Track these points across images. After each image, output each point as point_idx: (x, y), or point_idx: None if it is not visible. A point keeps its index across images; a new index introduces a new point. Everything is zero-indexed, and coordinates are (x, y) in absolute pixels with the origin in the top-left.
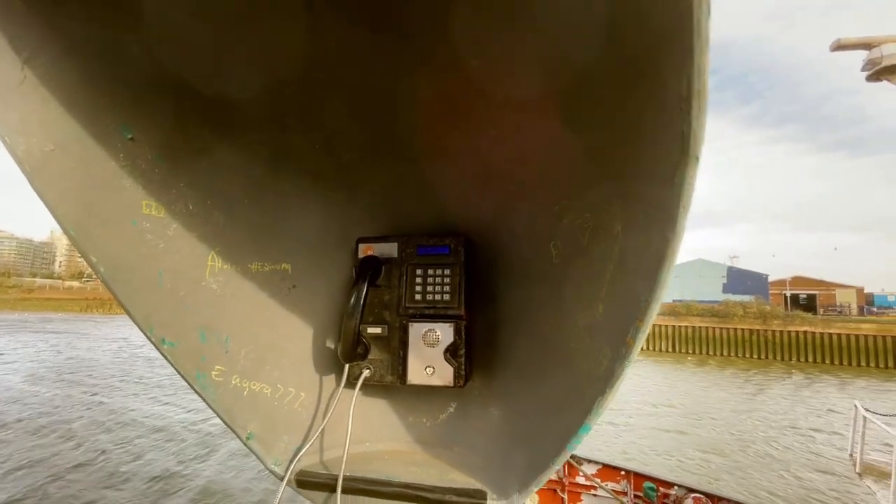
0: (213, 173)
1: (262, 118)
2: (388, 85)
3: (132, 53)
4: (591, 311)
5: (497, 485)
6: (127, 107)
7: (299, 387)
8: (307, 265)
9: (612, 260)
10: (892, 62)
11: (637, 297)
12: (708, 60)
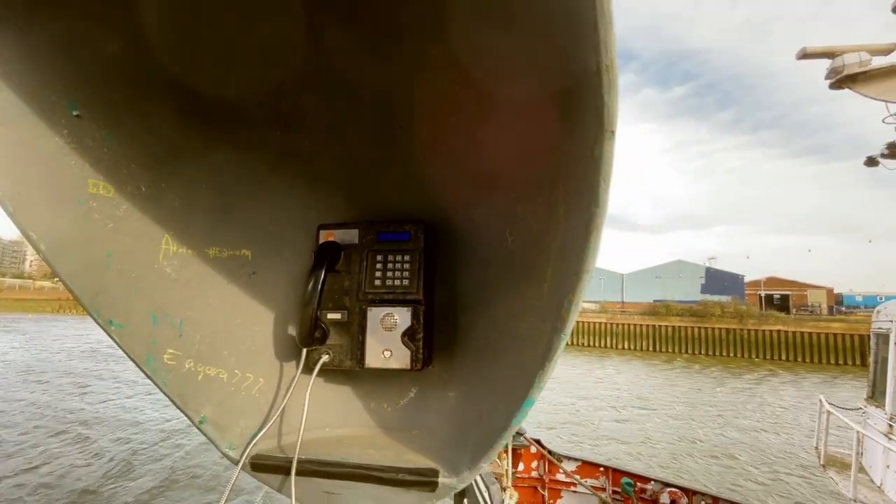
0: (169, 154)
1: (228, 108)
2: (361, 79)
3: (86, 33)
4: (539, 291)
5: (449, 463)
6: (76, 82)
7: (257, 372)
8: (268, 252)
9: (556, 241)
10: (853, 70)
11: (571, 273)
12: (613, 36)
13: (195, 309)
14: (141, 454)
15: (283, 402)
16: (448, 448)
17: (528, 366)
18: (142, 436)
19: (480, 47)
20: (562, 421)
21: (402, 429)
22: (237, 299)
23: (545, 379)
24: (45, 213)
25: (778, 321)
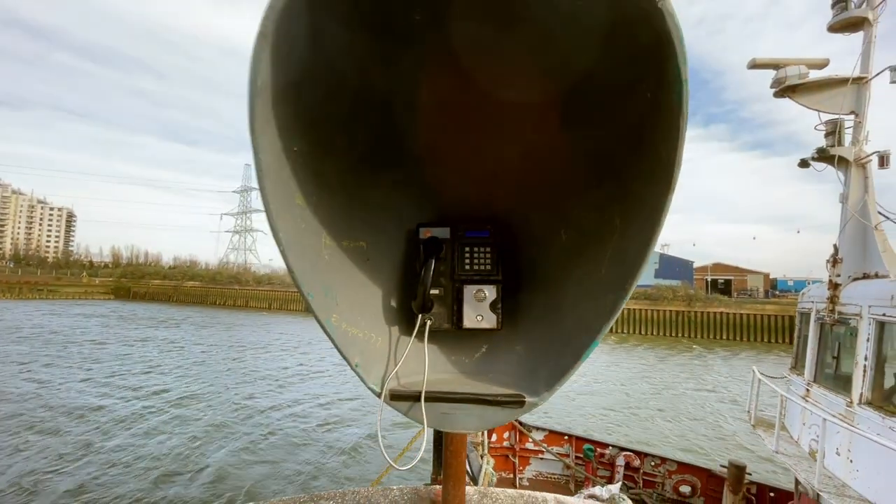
0: (327, 174)
1: (357, 138)
2: (440, 103)
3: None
4: (597, 272)
5: (529, 390)
6: (303, 132)
7: (379, 332)
8: (376, 243)
9: (613, 242)
10: (793, 82)
11: (630, 263)
12: (688, 70)
13: (340, 285)
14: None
15: (405, 352)
16: (523, 382)
17: (591, 321)
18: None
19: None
20: None
21: (479, 373)
22: (361, 278)
23: (608, 327)
24: (282, 220)
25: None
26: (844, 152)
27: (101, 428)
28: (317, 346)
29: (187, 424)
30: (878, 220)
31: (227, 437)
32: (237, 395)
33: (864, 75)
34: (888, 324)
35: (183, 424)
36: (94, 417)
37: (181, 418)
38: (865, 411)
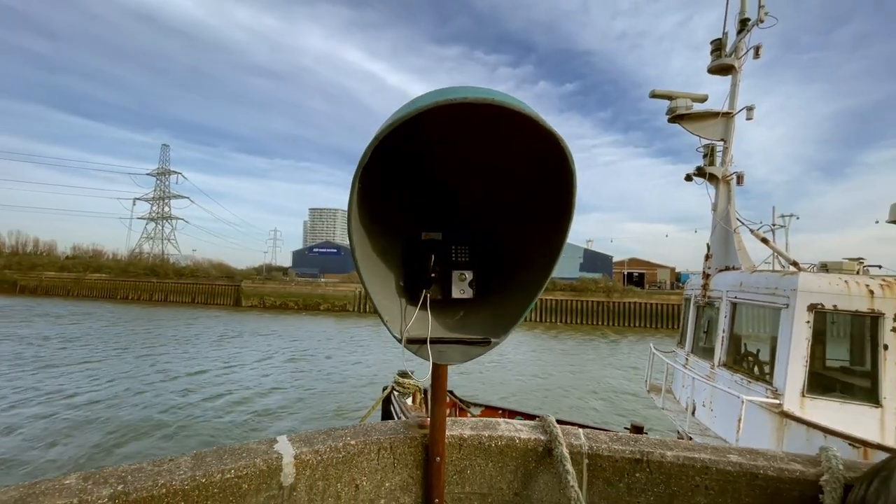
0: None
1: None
2: (437, 156)
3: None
4: (531, 263)
5: (492, 335)
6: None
7: (397, 302)
8: (388, 245)
9: (538, 247)
10: (681, 112)
11: (549, 258)
12: (567, 147)
13: (372, 273)
14: None
15: (413, 315)
16: (487, 330)
17: (531, 290)
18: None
19: (515, 158)
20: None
21: (461, 327)
22: (383, 270)
23: (540, 293)
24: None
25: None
26: (715, 171)
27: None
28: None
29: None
30: (736, 226)
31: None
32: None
33: (730, 111)
34: (738, 304)
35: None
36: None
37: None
38: (722, 371)
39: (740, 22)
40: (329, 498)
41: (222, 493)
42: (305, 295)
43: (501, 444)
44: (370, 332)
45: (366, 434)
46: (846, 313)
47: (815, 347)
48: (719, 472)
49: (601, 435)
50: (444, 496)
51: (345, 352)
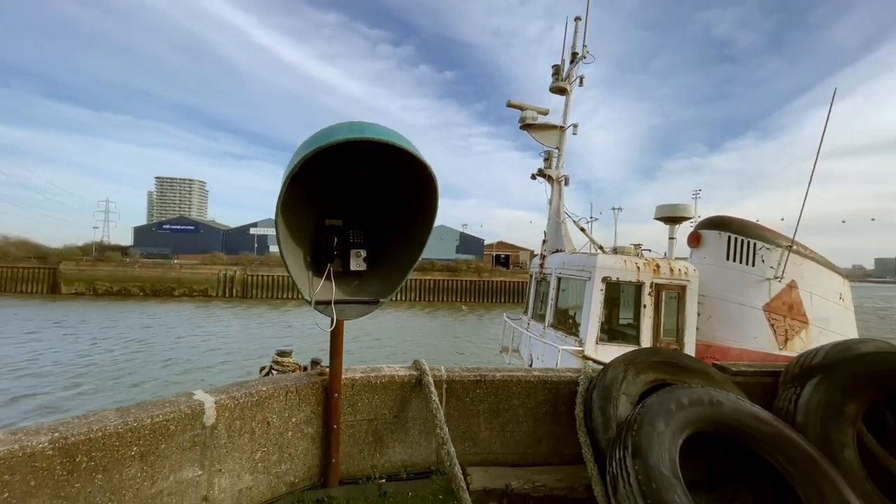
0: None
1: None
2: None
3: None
4: (408, 244)
5: (380, 296)
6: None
7: (305, 274)
8: (303, 230)
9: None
10: (529, 122)
11: (418, 241)
12: (432, 172)
13: (290, 252)
14: None
15: (320, 282)
16: (376, 293)
17: (405, 264)
18: None
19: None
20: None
21: (357, 292)
22: (297, 249)
23: (413, 268)
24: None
25: (501, 274)
26: (551, 173)
27: None
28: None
29: None
30: (564, 217)
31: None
32: None
33: (563, 125)
34: (562, 278)
35: None
36: None
37: None
38: (550, 331)
39: (572, 54)
40: (245, 434)
41: (152, 433)
42: (154, 279)
43: (385, 381)
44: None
45: (274, 382)
46: (625, 283)
47: (608, 309)
48: (527, 382)
49: (456, 368)
50: (340, 423)
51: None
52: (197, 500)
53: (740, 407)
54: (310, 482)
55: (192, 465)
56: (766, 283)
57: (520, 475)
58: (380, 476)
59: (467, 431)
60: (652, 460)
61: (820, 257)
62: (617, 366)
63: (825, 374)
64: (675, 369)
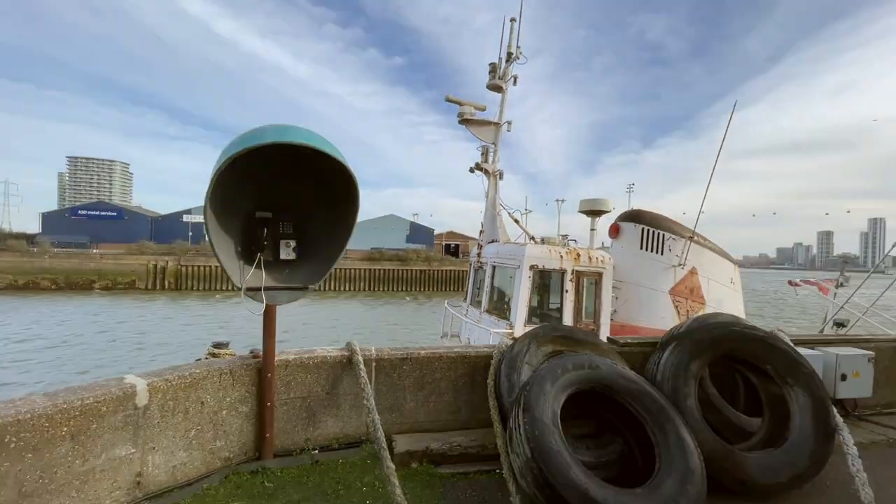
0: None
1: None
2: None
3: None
4: (333, 234)
5: (309, 282)
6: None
7: (236, 263)
8: (231, 222)
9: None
10: (467, 117)
11: (344, 232)
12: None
13: (220, 242)
14: None
15: (251, 270)
16: (305, 279)
17: (332, 254)
18: None
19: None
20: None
21: (286, 279)
22: (228, 240)
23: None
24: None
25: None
26: (487, 167)
27: None
28: None
29: None
30: (499, 209)
31: None
32: None
33: (498, 122)
34: (496, 266)
35: None
36: None
37: None
38: (486, 315)
39: (508, 54)
40: (179, 413)
41: (83, 415)
42: (69, 270)
43: (317, 361)
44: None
45: (208, 365)
46: (550, 271)
47: (539, 294)
48: (448, 358)
49: (385, 348)
50: (274, 400)
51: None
52: (131, 477)
53: (613, 369)
54: (245, 456)
55: (124, 444)
56: (671, 269)
57: (440, 438)
58: (313, 448)
59: (395, 404)
60: (537, 413)
61: (716, 247)
62: (522, 340)
63: (678, 342)
64: (571, 342)
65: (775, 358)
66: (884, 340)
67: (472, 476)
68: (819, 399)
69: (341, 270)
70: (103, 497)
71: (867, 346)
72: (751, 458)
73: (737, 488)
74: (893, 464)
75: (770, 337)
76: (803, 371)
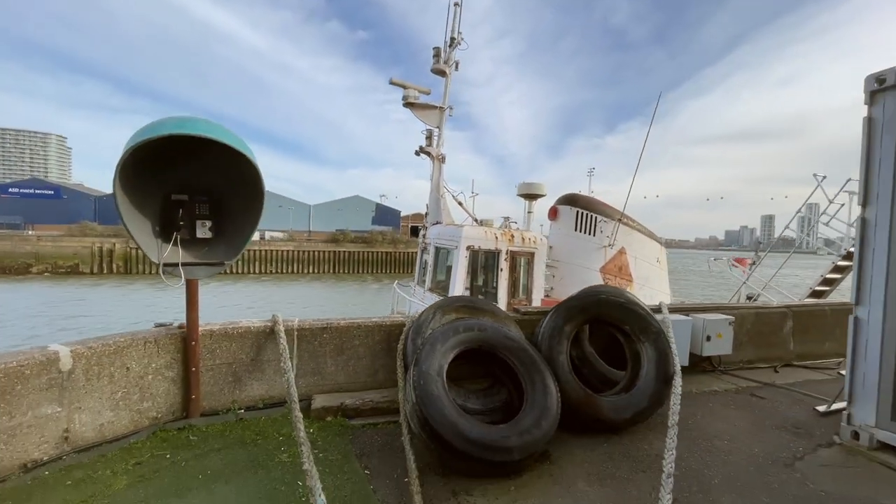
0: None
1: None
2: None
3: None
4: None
5: (225, 258)
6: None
7: (153, 242)
8: (154, 205)
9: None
10: (411, 101)
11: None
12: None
13: (135, 223)
14: None
15: (168, 248)
16: (222, 256)
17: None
18: None
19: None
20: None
21: (204, 256)
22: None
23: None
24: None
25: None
26: (432, 151)
27: None
28: None
29: None
30: (443, 192)
31: None
32: None
33: (442, 106)
34: (438, 247)
35: None
36: None
37: None
38: (429, 293)
39: (451, 38)
40: (104, 377)
41: (6, 377)
42: (3, 253)
43: (241, 331)
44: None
45: (133, 334)
46: (485, 251)
47: (479, 272)
48: (366, 327)
49: (307, 319)
50: (199, 366)
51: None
52: (58, 432)
53: (498, 332)
54: (172, 416)
55: (50, 404)
56: (602, 249)
57: (355, 396)
58: (239, 408)
59: (316, 368)
60: (424, 367)
61: (644, 228)
62: (428, 309)
63: (556, 309)
64: (472, 310)
65: (632, 320)
66: (747, 308)
67: (380, 426)
68: (662, 352)
69: (303, 252)
70: (31, 450)
71: (734, 313)
72: (605, 400)
73: (595, 425)
74: (729, 405)
75: (628, 303)
76: (652, 330)
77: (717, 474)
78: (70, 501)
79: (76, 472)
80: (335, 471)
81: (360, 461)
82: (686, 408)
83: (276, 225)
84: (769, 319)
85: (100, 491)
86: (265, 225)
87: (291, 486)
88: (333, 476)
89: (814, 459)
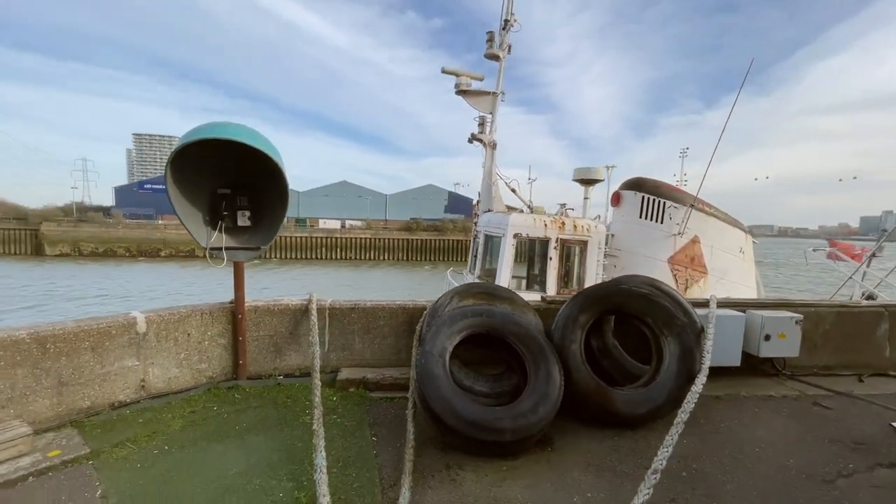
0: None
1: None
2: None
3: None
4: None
5: (262, 244)
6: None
7: (202, 230)
8: (203, 197)
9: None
10: (464, 88)
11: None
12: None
13: (187, 214)
14: None
15: (214, 234)
16: (259, 242)
17: (277, 223)
18: None
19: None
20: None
21: (245, 241)
22: (195, 211)
23: (279, 228)
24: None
25: None
26: (484, 138)
27: None
28: None
29: None
30: (496, 179)
31: None
32: None
33: (496, 91)
34: (488, 235)
35: None
36: None
37: None
38: (478, 281)
39: (504, 21)
40: (171, 340)
41: (99, 334)
42: (140, 240)
43: (281, 307)
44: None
45: (193, 307)
46: (534, 239)
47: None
48: (390, 309)
49: (339, 300)
50: (246, 335)
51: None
52: (136, 381)
53: (508, 318)
54: (224, 377)
55: (131, 358)
56: (671, 238)
57: (377, 371)
58: (280, 375)
59: (345, 343)
60: (428, 347)
61: (724, 215)
62: (446, 295)
63: (574, 297)
64: (490, 297)
65: (655, 312)
66: (827, 306)
67: (396, 400)
68: (687, 348)
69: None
70: (118, 392)
71: (807, 311)
72: (619, 393)
73: (607, 418)
74: (780, 412)
75: (653, 294)
76: (677, 324)
77: (731, 480)
78: (140, 434)
79: (147, 414)
80: (347, 435)
81: (371, 429)
82: (725, 410)
83: (356, 214)
84: (857, 320)
85: (161, 429)
86: (346, 214)
87: (307, 444)
88: (344, 439)
89: (865, 479)
